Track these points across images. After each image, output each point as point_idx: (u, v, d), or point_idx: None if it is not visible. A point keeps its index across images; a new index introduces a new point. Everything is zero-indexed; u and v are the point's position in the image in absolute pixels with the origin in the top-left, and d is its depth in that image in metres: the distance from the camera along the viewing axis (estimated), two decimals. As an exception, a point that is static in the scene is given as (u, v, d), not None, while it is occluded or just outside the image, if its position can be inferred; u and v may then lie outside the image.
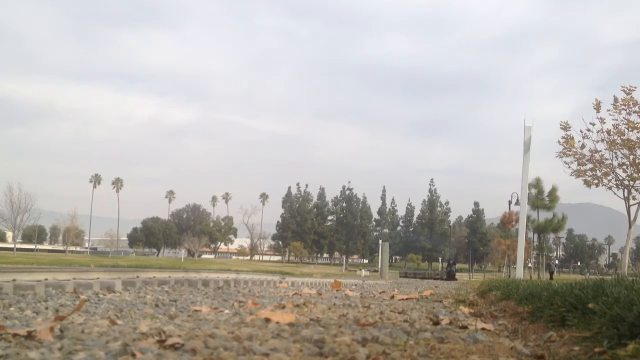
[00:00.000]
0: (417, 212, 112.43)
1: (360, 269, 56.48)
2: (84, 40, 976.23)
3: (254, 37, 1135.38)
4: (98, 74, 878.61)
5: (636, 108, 14.42)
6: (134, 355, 1.97)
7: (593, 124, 14.88)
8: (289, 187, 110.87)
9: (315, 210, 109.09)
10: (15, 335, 2.39)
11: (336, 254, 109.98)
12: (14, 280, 5.80)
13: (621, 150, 14.68)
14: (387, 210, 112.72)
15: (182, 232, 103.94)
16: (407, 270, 57.10)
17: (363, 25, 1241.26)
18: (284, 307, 4.16)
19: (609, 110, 14.73)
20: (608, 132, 14.73)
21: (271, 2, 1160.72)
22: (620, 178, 14.92)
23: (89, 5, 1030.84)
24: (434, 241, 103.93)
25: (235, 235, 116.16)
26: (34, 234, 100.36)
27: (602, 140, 14.88)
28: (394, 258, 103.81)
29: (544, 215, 43.10)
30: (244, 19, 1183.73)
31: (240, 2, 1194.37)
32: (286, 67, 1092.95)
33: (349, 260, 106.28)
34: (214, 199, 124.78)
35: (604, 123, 14.83)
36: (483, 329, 2.97)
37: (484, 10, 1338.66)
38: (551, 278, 25.13)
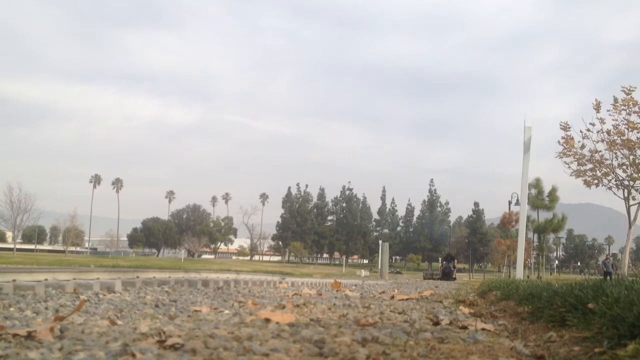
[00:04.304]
0: (417, 212, 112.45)
1: (375, 270, 55.64)
2: (86, 41, 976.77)
3: (256, 37, 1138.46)
4: (101, 74, 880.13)
5: (636, 108, 14.41)
6: (134, 355, 1.97)
7: (593, 124, 14.87)
8: (289, 188, 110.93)
9: (315, 210, 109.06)
10: (15, 335, 2.39)
11: (336, 254, 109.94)
12: (14, 280, 5.80)
13: (621, 151, 14.66)
14: (387, 210, 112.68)
15: (182, 232, 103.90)
16: (433, 272, 47.52)
17: (366, 26, 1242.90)
18: (284, 307, 4.16)
19: (608, 111, 14.72)
20: (608, 132, 14.72)
21: (274, 2, 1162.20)
22: (620, 178, 14.91)
23: (91, 5, 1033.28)
24: (434, 241, 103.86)
25: (235, 236, 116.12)
26: (34, 234, 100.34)
27: (602, 141, 14.88)
28: (394, 258, 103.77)
29: (544, 216, 43.04)
30: (247, 19, 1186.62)
31: (244, 3, 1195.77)
32: (289, 67, 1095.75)
33: (349, 260, 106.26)
34: (214, 199, 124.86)
35: (604, 123, 14.82)
36: (483, 329, 2.97)
37: (487, 12, 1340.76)
38: (609, 278, 23.45)
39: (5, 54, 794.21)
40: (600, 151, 15.02)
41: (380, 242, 41.27)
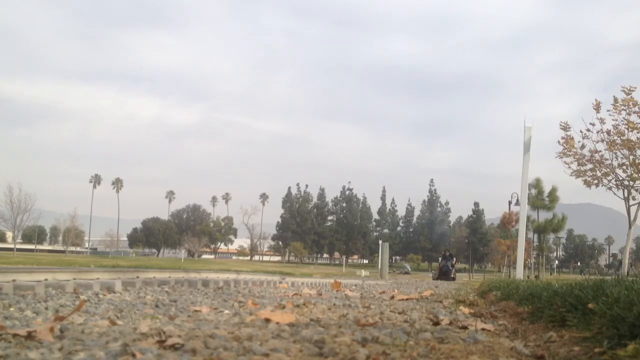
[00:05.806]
0: (417, 212, 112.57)
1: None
2: (87, 41, 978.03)
3: (257, 37, 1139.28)
4: (101, 74, 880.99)
5: (636, 108, 14.39)
6: (134, 355, 1.97)
7: (593, 125, 14.87)
8: (289, 188, 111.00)
9: (315, 210, 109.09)
10: (15, 335, 2.39)
11: (336, 254, 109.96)
12: (14, 280, 5.80)
13: (621, 151, 14.65)
14: (387, 210, 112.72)
15: (182, 232, 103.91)
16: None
17: (366, 26, 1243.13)
18: (284, 307, 4.15)
19: (608, 111, 14.71)
20: (608, 132, 14.71)
21: (274, 2, 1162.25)
22: (620, 178, 14.90)
23: (91, 5, 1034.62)
24: (434, 241, 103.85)
25: (235, 236, 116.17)
26: (34, 235, 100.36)
27: (602, 141, 14.87)
28: (394, 258, 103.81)
29: (544, 216, 43.01)
30: (248, 19, 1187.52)
31: (244, 3, 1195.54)
32: (289, 67, 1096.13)
33: (349, 260, 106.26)
34: (214, 199, 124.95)
35: (604, 123, 14.81)
36: (483, 329, 2.97)
37: (487, 12, 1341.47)
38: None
39: (5, 54, 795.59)
40: (600, 151, 15.02)
41: (380, 242, 41.20)
